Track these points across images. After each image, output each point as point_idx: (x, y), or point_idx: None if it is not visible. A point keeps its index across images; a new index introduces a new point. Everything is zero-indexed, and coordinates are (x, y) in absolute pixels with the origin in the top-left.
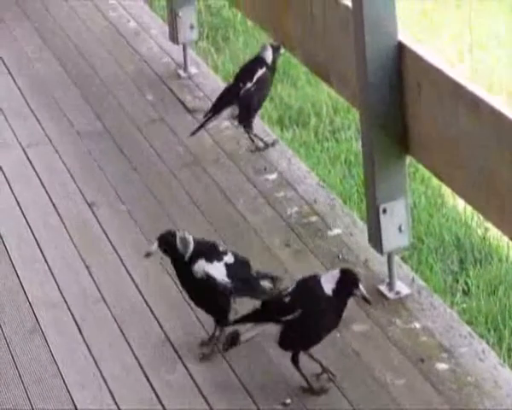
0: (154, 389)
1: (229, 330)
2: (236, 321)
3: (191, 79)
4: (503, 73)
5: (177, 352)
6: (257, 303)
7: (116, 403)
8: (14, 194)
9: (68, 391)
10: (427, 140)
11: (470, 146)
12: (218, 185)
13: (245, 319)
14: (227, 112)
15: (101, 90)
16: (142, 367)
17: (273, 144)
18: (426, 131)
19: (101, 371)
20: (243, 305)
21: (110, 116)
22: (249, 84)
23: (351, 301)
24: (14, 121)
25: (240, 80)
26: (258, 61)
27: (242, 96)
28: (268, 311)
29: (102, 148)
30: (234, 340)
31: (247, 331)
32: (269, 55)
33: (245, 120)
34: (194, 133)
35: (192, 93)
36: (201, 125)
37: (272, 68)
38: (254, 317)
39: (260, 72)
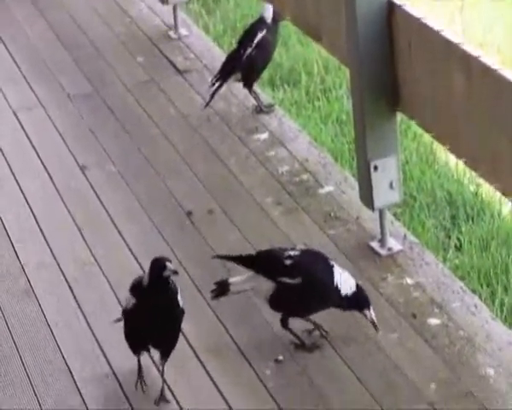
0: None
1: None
2: (226, 257)
3: (181, 40)
4: (495, 33)
5: None
6: None
7: (109, 363)
8: (5, 157)
9: (61, 352)
10: (417, 98)
11: (462, 104)
12: (210, 145)
13: (236, 260)
14: (232, 79)
15: (92, 52)
16: None
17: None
18: (416, 89)
19: (93, 332)
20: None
21: (101, 79)
22: (249, 49)
23: (342, 257)
24: (5, 86)
25: (241, 46)
26: (259, 22)
27: (244, 62)
28: (263, 264)
29: (93, 110)
30: (223, 289)
31: (239, 284)
32: (269, 15)
33: (248, 83)
34: (207, 105)
35: (183, 54)
36: (212, 96)
37: (274, 27)
38: (246, 262)
39: (260, 35)
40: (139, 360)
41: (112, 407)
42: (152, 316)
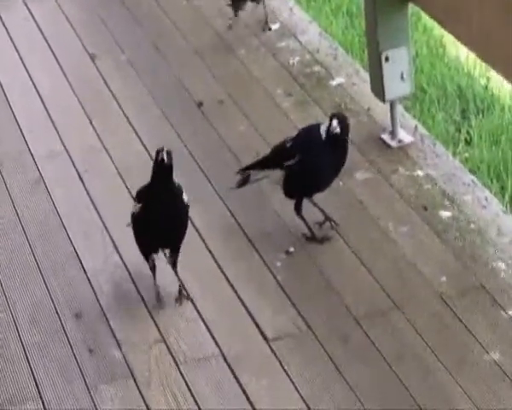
0: None
1: None
2: (248, 167)
3: None
4: None
5: None
6: None
7: (118, 252)
8: (15, 46)
9: (71, 242)
10: None
11: None
12: (221, 36)
13: (255, 166)
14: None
15: None
16: None
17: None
18: None
19: (103, 221)
20: None
21: None
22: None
23: (353, 149)
24: None
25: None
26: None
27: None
28: (274, 156)
29: (104, 0)
30: (245, 180)
31: (256, 174)
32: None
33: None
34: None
35: None
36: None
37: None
38: (264, 163)
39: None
40: (153, 267)
41: (122, 296)
42: (159, 214)
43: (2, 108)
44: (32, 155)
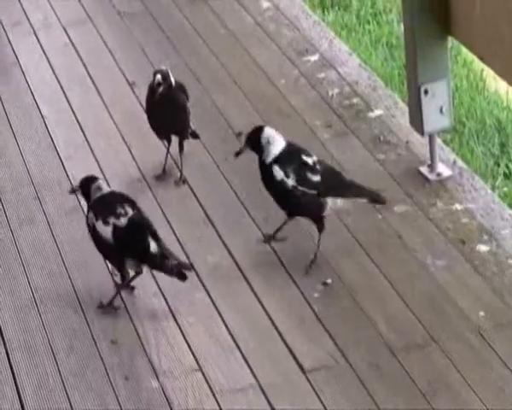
0: None
1: None
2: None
3: None
4: None
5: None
6: None
7: (155, 279)
8: (55, 73)
9: (107, 267)
10: (468, 21)
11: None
12: (260, 66)
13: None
14: None
15: None
16: None
17: None
18: (468, 12)
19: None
20: None
21: None
22: None
23: (392, 182)
24: (54, 1)
25: None
26: None
27: None
28: None
29: (143, 28)
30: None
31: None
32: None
33: None
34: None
35: None
36: None
37: None
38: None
39: None
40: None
41: (158, 324)
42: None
43: (42, 135)
44: (70, 182)
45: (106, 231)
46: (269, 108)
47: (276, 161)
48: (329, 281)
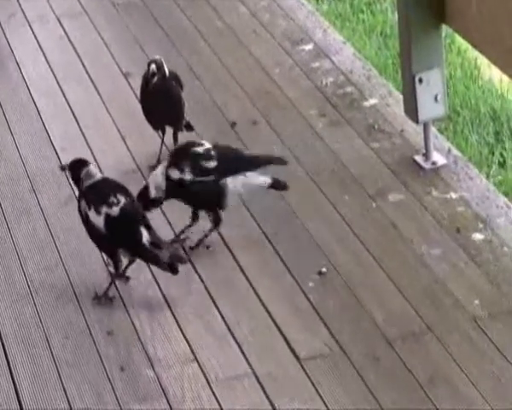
0: None
1: None
2: None
3: None
4: None
5: None
6: None
7: (150, 270)
8: (49, 64)
9: (103, 259)
10: (463, 9)
11: (508, 14)
12: (254, 56)
13: None
14: None
15: None
16: None
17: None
18: (463, 1)
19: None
20: None
21: None
22: None
23: (386, 171)
24: None
25: None
26: None
27: None
28: None
29: (138, 19)
30: None
31: None
32: None
33: None
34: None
35: None
36: None
37: None
38: None
39: None
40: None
41: (154, 315)
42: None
43: (37, 126)
44: (65, 174)
45: (98, 220)
46: (263, 97)
47: (169, 165)
48: (324, 270)
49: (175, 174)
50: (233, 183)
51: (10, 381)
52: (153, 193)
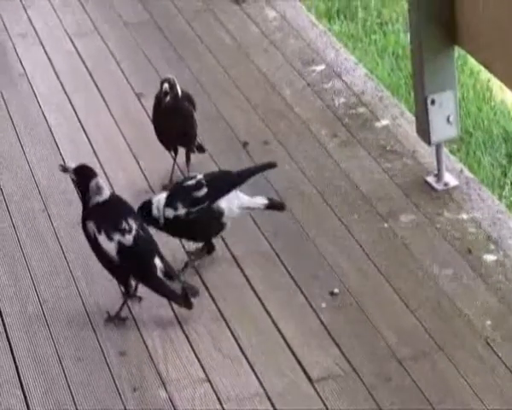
0: None
1: None
2: None
3: None
4: None
5: None
6: None
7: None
8: (61, 83)
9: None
10: (475, 31)
11: None
12: (266, 76)
13: None
14: None
15: None
16: None
17: None
18: (474, 22)
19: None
20: None
21: (157, 6)
22: None
23: (398, 192)
24: (61, 11)
25: None
26: None
27: None
28: None
29: (149, 38)
30: None
31: None
32: None
33: None
34: None
35: None
36: None
37: None
38: None
39: None
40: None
41: (166, 335)
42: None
43: (50, 146)
44: (77, 192)
45: (109, 246)
46: (275, 117)
47: (166, 205)
48: (337, 291)
49: (170, 213)
50: (228, 206)
51: (23, 402)
52: (155, 212)
